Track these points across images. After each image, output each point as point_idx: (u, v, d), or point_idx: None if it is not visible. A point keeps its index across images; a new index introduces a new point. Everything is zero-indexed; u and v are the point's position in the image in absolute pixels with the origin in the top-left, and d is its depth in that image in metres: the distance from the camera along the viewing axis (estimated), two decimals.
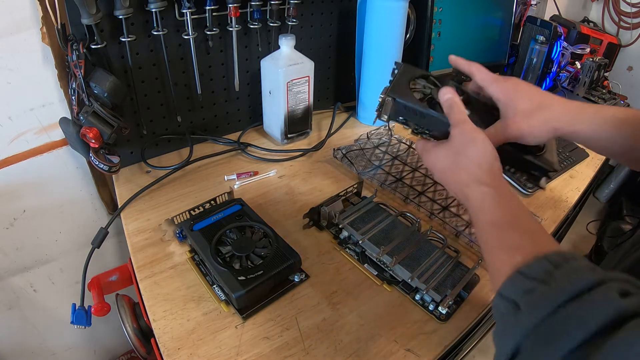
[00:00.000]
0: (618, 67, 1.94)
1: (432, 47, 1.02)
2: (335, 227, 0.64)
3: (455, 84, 0.55)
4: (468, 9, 1.06)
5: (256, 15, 0.78)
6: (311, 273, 0.58)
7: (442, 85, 0.53)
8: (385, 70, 0.93)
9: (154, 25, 0.69)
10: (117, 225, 0.75)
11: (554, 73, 1.12)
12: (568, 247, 1.96)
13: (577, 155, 0.94)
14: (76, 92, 0.64)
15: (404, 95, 0.51)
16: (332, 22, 0.93)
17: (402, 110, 0.52)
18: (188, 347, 0.48)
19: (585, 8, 1.98)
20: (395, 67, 0.56)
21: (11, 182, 0.75)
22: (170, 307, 0.52)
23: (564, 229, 1.31)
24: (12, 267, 0.84)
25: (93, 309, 0.66)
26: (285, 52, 0.80)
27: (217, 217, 0.62)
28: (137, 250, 0.61)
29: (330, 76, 1.01)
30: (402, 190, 0.75)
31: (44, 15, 0.63)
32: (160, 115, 0.79)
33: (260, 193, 0.74)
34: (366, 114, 1.00)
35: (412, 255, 0.58)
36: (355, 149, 0.86)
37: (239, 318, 0.51)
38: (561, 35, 1.06)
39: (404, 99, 0.51)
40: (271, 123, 0.88)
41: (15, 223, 0.80)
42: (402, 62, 0.55)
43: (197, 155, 0.81)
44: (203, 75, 0.80)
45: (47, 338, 0.99)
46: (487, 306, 0.56)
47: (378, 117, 0.54)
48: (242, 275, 0.52)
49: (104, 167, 0.66)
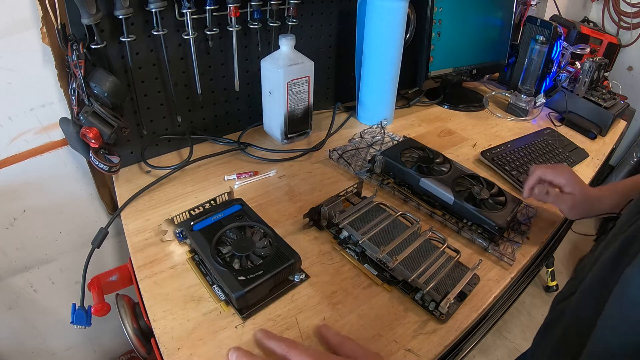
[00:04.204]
0: (618, 67, 1.94)
1: (432, 47, 1.02)
2: (335, 227, 0.64)
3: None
4: (468, 9, 1.06)
5: (256, 15, 0.78)
6: (311, 273, 0.58)
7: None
8: (385, 70, 0.94)
9: (154, 25, 0.69)
10: (117, 225, 0.76)
11: (554, 73, 1.12)
12: (568, 247, 1.96)
13: (577, 155, 0.94)
14: (76, 92, 0.64)
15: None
16: (332, 22, 0.93)
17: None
18: (188, 347, 0.48)
19: (585, 8, 1.98)
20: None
21: (11, 182, 0.75)
22: (170, 307, 0.52)
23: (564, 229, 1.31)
24: (12, 267, 0.84)
25: (93, 309, 0.66)
26: (285, 52, 0.80)
27: (217, 217, 0.62)
28: (137, 250, 0.61)
29: (330, 76, 1.01)
30: (401, 190, 0.75)
31: (44, 15, 0.63)
32: (160, 115, 0.79)
33: (260, 193, 0.74)
34: (366, 114, 1.00)
35: (412, 255, 0.58)
36: (350, 149, 0.86)
37: (239, 318, 0.51)
38: (561, 35, 1.06)
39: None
40: (271, 123, 0.88)
41: (15, 223, 0.80)
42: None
43: (197, 155, 0.81)
44: (203, 75, 0.80)
45: (47, 338, 0.99)
46: (487, 306, 0.56)
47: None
48: (242, 275, 0.52)
49: (104, 167, 0.66)
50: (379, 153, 0.77)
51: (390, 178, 0.77)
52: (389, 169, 0.77)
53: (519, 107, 1.11)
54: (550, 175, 0.66)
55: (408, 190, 0.75)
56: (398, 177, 0.76)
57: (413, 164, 0.75)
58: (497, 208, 0.66)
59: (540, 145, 0.93)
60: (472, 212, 0.65)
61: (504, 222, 0.63)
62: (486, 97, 1.18)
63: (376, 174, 0.79)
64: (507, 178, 0.82)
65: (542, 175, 0.67)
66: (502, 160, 0.85)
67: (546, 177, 0.66)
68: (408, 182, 0.74)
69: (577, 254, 1.93)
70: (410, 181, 0.74)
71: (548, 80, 1.12)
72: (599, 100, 1.07)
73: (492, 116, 1.12)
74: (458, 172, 0.74)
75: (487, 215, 0.64)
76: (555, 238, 1.24)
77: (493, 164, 0.85)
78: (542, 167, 0.67)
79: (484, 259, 0.63)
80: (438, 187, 0.69)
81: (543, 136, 0.98)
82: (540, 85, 1.11)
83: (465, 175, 0.73)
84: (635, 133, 2.02)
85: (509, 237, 0.66)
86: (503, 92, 1.24)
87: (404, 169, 0.73)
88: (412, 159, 0.77)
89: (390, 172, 0.77)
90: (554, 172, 0.66)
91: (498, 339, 1.51)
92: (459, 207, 0.67)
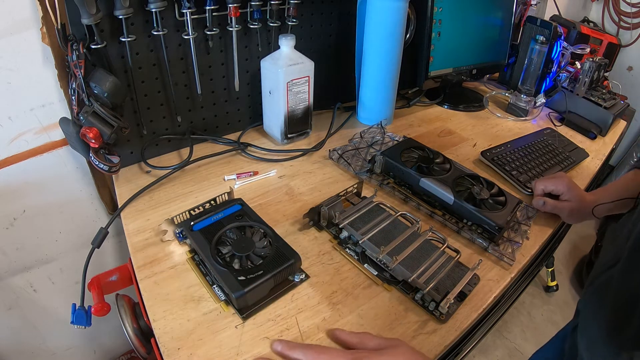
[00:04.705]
0: (618, 67, 1.94)
1: (432, 47, 1.02)
2: (335, 227, 0.64)
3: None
4: (468, 9, 1.06)
5: (256, 15, 0.78)
6: (311, 273, 0.58)
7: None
8: (385, 70, 0.94)
9: (154, 25, 0.69)
10: (117, 225, 0.76)
11: (554, 73, 1.12)
12: (568, 247, 1.96)
13: (577, 155, 0.94)
14: (76, 92, 0.64)
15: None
16: (332, 22, 0.93)
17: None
18: (188, 347, 0.48)
19: (585, 8, 1.98)
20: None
21: (11, 182, 0.75)
22: (170, 307, 0.52)
23: (564, 229, 1.31)
24: (12, 267, 0.84)
25: (93, 309, 0.66)
26: (285, 52, 0.80)
27: (217, 217, 0.62)
28: (137, 250, 0.61)
29: (330, 76, 1.01)
30: (401, 190, 0.75)
31: (44, 15, 0.63)
32: (160, 115, 0.79)
33: (260, 193, 0.74)
34: (366, 114, 1.00)
35: (412, 255, 0.58)
36: (350, 148, 0.86)
37: (239, 318, 0.51)
38: (561, 35, 1.06)
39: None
40: (271, 123, 0.88)
41: (15, 223, 0.80)
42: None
43: (197, 155, 0.81)
44: (203, 75, 0.80)
45: (47, 338, 0.99)
46: (487, 306, 0.56)
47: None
48: (242, 275, 0.52)
49: (104, 167, 0.66)
50: (379, 153, 0.77)
51: (390, 178, 0.77)
52: (389, 169, 0.77)
53: (519, 107, 1.11)
54: (551, 185, 0.73)
55: (408, 190, 0.75)
56: (398, 177, 0.76)
57: (413, 164, 0.75)
58: (497, 208, 0.66)
59: (540, 146, 0.93)
60: (472, 212, 0.65)
61: (504, 222, 0.63)
62: (486, 97, 1.18)
63: (376, 174, 0.79)
64: (507, 178, 0.82)
65: (544, 188, 0.73)
66: (502, 160, 0.85)
67: (547, 188, 0.73)
68: (408, 182, 0.74)
69: (577, 254, 1.93)
70: (410, 181, 0.74)
71: (548, 80, 1.12)
72: (599, 100, 1.07)
73: (492, 116, 1.12)
74: (458, 172, 0.74)
75: (487, 215, 0.64)
76: (555, 238, 1.24)
77: (493, 164, 0.85)
78: (542, 181, 0.73)
79: (484, 259, 0.63)
80: (438, 187, 0.69)
81: (543, 136, 0.98)
82: (540, 85, 1.11)
83: (465, 175, 0.73)
84: (635, 133, 2.02)
85: (509, 237, 0.66)
86: (503, 92, 1.24)
87: (404, 169, 0.73)
88: (412, 159, 0.77)
89: (390, 172, 0.77)
90: (554, 182, 0.72)
91: (498, 339, 1.51)
92: (459, 207, 0.67)
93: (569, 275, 1.83)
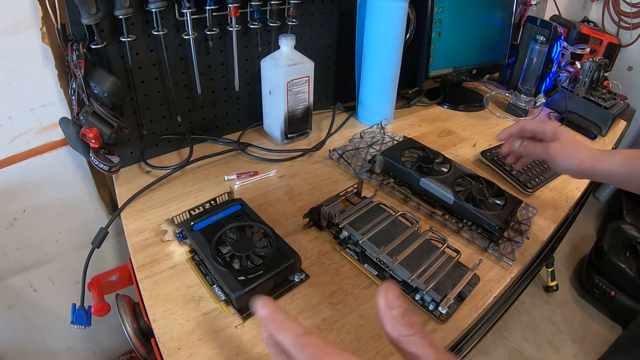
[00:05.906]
0: (618, 67, 1.94)
1: (432, 47, 1.02)
2: (335, 227, 0.64)
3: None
4: (468, 9, 1.06)
5: (256, 15, 0.78)
6: (311, 273, 0.58)
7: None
8: (385, 70, 0.94)
9: (154, 25, 0.69)
10: (117, 225, 0.75)
11: (554, 73, 1.12)
12: (568, 247, 1.96)
13: None
14: (76, 92, 0.64)
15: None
16: (332, 22, 0.93)
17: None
18: (188, 347, 0.48)
19: (585, 8, 1.98)
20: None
21: (11, 182, 0.75)
22: (170, 307, 0.52)
23: (564, 229, 1.31)
24: (12, 267, 0.84)
25: (93, 309, 0.66)
26: (285, 52, 0.80)
27: (217, 217, 0.62)
28: (137, 251, 0.61)
29: (330, 76, 1.01)
30: (401, 190, 0.75)
31: (44, 15, 0.63)
32: (160, 115, 0.79)
33: (260, 193, 0.74)
34: (366, 114, 1.00)
35: (412, 255, 0.58)
36: (350, 148, 0.86)
37: (239, 318, 0.51)
38: (561, 35, 1.06)
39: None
40: (271, 123, 0.88)
41: (15, 223, 0.80)
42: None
43: (197, 155, 0.81)
44: (203, 75, 0.80)
45: (47, 338, 0.99)
46: (487, 306, 0.56)
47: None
48: (242, 275, 0.52)
49: (104, 167, 0.66)
50: (379, 153, 0.77)
51: (390, 178, 0.77)
52: (389, 169, 0.77)
53: (519, 107, 1.11)
54: (532, 125, 0.62)
55: (408, 190, 0.75)
56: (398, 177, 0.76)
57: (413, 164, 0.75)
58: (497, 208, 0.66)
59: None
60: (472, 212, 0.65)
61: (504, 222, 0.63)
62: (486, 97, 1.18)
63: (376, 174, 0.79)
64: (507, 178, 0.82)
65: (524, 126, 0.63)
66: (502, 160, 0.85)
67: (527, 127, 0.63)
68: (408, 182, 0.74)
69: (577, 254, 1.93)
70: (410, 181, 0.74)
71: (548, 80, 1.12)
72: (599, 100, 1.07)
73: (492, 116, 1.12)
74: (458, 172, 0.74)
75: (487, 215, 0.64)
76: (555, 238, 1.24)
77: (493, 164, 0.85)
78: (526, 120, 0.64)
79: (484, 259, 0.63)
80: (438, 187, 0.69)
81: None
82: (540, 85, 1.11)
83: (465, 175, 0.73)
84: (635, 133, 2.02)
85: (509, 237, 0.66)
86: (503, 92, 1.24)
87: (404, 169, 0.73)
88: (412, 159, 0.77)
89: (390, 172, 0.77)
90: (539, 123, 0.62)
91: (498, 339, 1.51)
92: (459, 207, 0.67)
93: (569, 275, 1.83)
